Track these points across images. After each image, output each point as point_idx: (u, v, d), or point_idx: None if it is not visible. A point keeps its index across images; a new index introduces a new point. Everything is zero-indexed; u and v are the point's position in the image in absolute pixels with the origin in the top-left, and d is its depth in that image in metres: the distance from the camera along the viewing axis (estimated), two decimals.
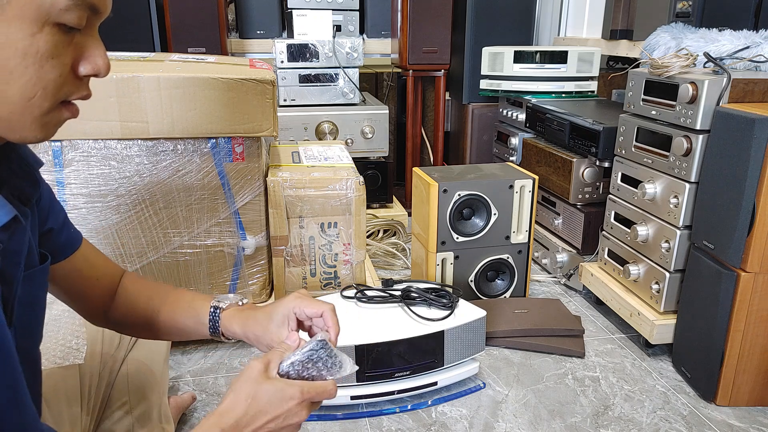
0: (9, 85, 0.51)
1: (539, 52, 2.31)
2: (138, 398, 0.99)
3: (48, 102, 0.53)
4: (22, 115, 0.53)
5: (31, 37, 0.50)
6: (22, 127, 0.54)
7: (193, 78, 1.37)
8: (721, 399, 1.40)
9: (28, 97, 0.52)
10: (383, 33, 2.81)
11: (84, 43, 0.55)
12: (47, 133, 0.56)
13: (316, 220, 1.55)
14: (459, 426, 1.34)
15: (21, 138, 0.55)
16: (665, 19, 1.80)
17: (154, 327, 0.84)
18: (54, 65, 0.52)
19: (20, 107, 0.52)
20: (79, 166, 1.40)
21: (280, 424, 0.68)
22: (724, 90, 1.35)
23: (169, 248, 1.50)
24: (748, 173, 1.24)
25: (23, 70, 0.50)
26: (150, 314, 0.84)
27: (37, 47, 0.50)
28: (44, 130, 0.55)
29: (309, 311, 0.77)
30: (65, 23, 0.51)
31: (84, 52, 0.55)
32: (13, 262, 0.58)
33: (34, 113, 0.53)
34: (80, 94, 0.57)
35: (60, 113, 0.56)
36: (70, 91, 0.55)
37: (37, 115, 0.53)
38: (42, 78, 0.52)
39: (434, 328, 1.38)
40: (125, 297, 0.84)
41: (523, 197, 1.79)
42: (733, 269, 1.32)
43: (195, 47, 2.37)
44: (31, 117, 0.53)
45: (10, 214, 0.54)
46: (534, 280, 2.07)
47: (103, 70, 0.56)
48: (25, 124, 0.53)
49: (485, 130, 2.61)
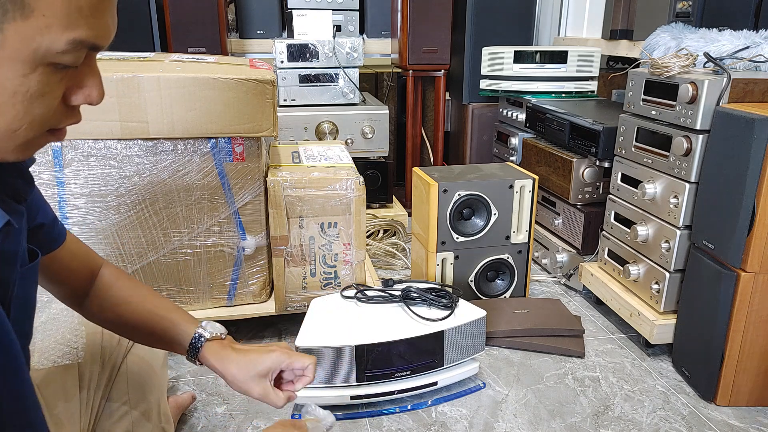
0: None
1: (539, 52, 2.31)
2: (137, 398, 0.99)
3: (33, 133, 0.52)
4: (4, 143, 0.51)
5: (22, 77, 0.48)
6: (2, 151, 0.52)
7: (193, 78, 1.37)
8: (721, 399, 1.40)
9: (13, 130, 0.50)
10: (383, 33, 2.81)
11: (79, 74, 0.53)
12: (27, 155, 0.54)
13: (316, 220, 1.55)
14: (459, 426, 1.34)
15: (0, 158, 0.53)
16: (665, 19, 1.80)
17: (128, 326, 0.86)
18: (43, 101, 0.50)
19: (3, 137, 0.50)
20: (79, 166, 1.40)
21: None
22: (724, 90, 1.35)
23: (169, 248, 1.50)
24: (748, 173, 1.24)
25: (11, 107, 0.49)
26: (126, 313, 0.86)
27: (27, 87, 0.49)
28: (25, 153, 0.54)
29: (298, 365, 0.84)
30: (60, 63, 0.49)
31: (78, 83, 0.53)
32: (8, 264, 0.57)
33: (17, 141, 0.52)
34: (69, 122, 0.55)
35: (45, 138, 0.54)
36: (59, 120, 0.54)
37: (20, 143, 0.52)
38: (29, 113, 0.50)
39: (434, 328, 1.38)
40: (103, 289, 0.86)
41: (523, 197, 1.79)
42: (733, 269, 1.32)
43: (195, 47, 2.37)
44: (14, 144, 0.52)
45: (2, 219, 0.52)
46: (534, 280, 2.07)
47: (95, 100, 0.55)
48: (6, 150, 0.52)
49: (485, 130, 2.61)
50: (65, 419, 0.89)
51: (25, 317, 0.65)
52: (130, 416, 0.97)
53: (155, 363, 1.05)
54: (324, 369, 1.31)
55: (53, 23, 0.47)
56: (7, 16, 0.46)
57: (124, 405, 0.97)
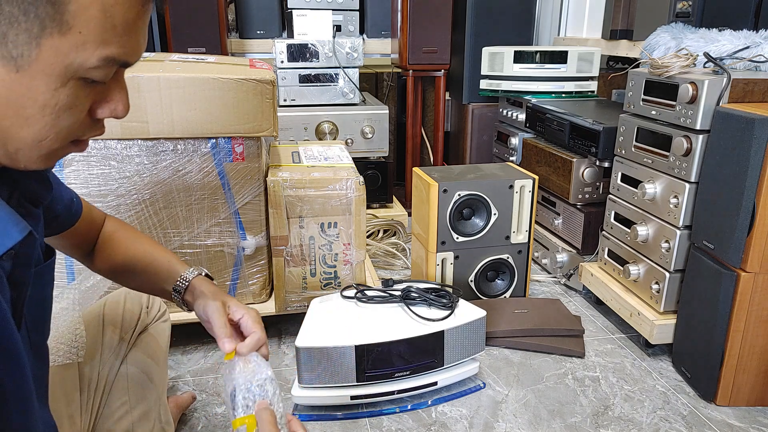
0: (23, 129, 0.50)
1: (539, 52, 2.31)
2: (137, 398, 0.99)
3: (58, 144, 0.53)
4: (29, 152, 0.53)
5: (53, 91, 0.49)
6: (27, 160, 0.54)
7: (193, 78, 1.37)
8: (721, 399, 1.40)
9: (40, 140, 0.52)
10: (383, 33, 2.81)
11: (107, 89, 0.54)
12: (50, 164, 0.56)
13: (316, 220, 1.55)
14: (459, 426, 1.34)
15: (24, 167, 0.55)
16: (665, 19, 1.80)
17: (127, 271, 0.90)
18: (71, 114, 0.52)
19: (29, 146, 0.52)
20: (79, 166, 1.40)
21: None
22: (724, 90, 1.35)
23: (169, 248, 1.49)
24: (748, 173, 1.24)
25: (39, 118, 0.50)
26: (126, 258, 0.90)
27: (57, 100, 0.50)
28: (48, 163, 0.55)
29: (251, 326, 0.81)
30: (90, 78, 0.51)
31: (105, 97, 0.55)
32: (24, 266, 0.58)
33: (42, 152, 0.53)
34: (92, 134, 0.57)
35: (68, 149, 0.56)
36: (83, 132, 0.55)
37: (44, 153, 0.54)
38: (56, 125, 0.51)
39: (434, 328, 1.38)
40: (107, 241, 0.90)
41: (523, 197, 1.79)
42: (733, 269, 1.32)
43: (195, 47, 2.37)
44: (39, 154, 0.53)
45: (24, 231, 0.53)
46: (534, 280, 2.07)
47: (121, 113, 0.56)
48: (30, 159, 0.54)
49: (485, 130, 2.61)
50: (65, 419, 0.89)
51: (42, 315, 0.66)
52: (130, 416, 0.97)
53: (155, 363, 1.05)
54: (324, 369, 1.31)
55: (88, 40, 0.48)
56: (45, 32, 0.47)
57: (123, 405, 0.97)
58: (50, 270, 0.67)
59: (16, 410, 0.52)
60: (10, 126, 0.50)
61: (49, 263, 0.66)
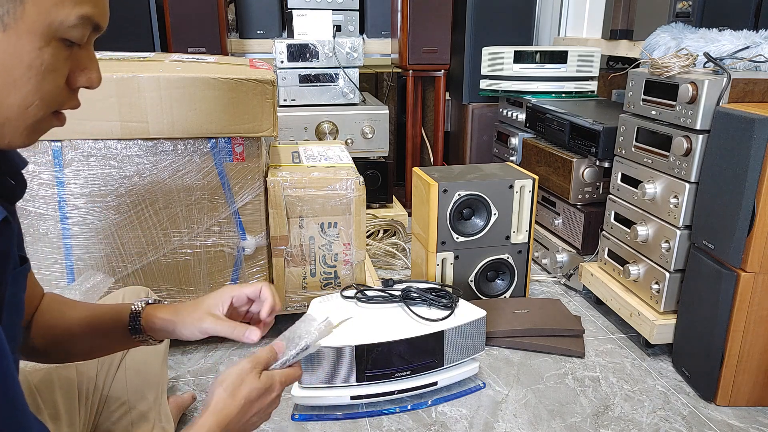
0: (10, 93, 0.53)
1: (539, 52, 2.31)
2: (137, 398, 0.99)
3: (42, 111, 0.56)
4: (16, 122, 0.55)
5: (38, 51, 0.53)
6: (13, 133, 0.56)
7: (193, 78, 1.37)
8: (721, 399, 1.40)
9: (26, 106, 0.54)
10: (383, 33, 2.81)
11: (80, 57, 0.58)
12: (33, 139, 0.58)
13: (316, 220, 1.55)
14: (459, 426, 1.34)
15: (8, 144, 0.57)
16: (665, 19, 1.80)
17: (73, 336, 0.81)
18: (53, 77, 0.55)
19: (16, 114, 0.55)
20: (79, 166, 1.40)
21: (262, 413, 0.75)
22: (724, 90, 1.35)
23: (169, 248, 1.50)
24: (748, 173, 1.24)
25: (26, 80, 0.53)
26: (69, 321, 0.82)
27: (41, 60, 0.53)
28: (32, 136, 0.58)
29: (248, 291, 0.83)
30: (69, 39, 0.54)
31: (80, 65, 0.58)
32: (2, 263, 0.57)
33: (27, 121, 0.56)
34: (70, 105, 0.60)
35: (50, 121, 0.59)
36: (63, 101, 0.58)
37: (30, 123, 0.56)
38: (40, 89, 0.54)
39: (434, 328, 1.38)
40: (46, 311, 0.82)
41: (523, 197, 1.79)
42: (733, 269, 1.32)
43: (195, 47, 2.37)
44: (24, 124, 0.56)
45: (1, 214, 0.54)
46: (534, 280, 2.07)
47: (95, 82, 0.60)
48: (17, 131, 0.56)
49: (485, 130, 2.61)
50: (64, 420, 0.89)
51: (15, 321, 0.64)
52: (130, 416, 0.97)
53: (154, 363, 1.05)
54: (324, 369, 1.31)
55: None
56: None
57: (123, 405, 0.97)
58: (23, 276, 0.66)
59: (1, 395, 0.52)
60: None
61: (24, 268, 0.65)
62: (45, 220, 1.42)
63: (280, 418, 1.35)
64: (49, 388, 0.89)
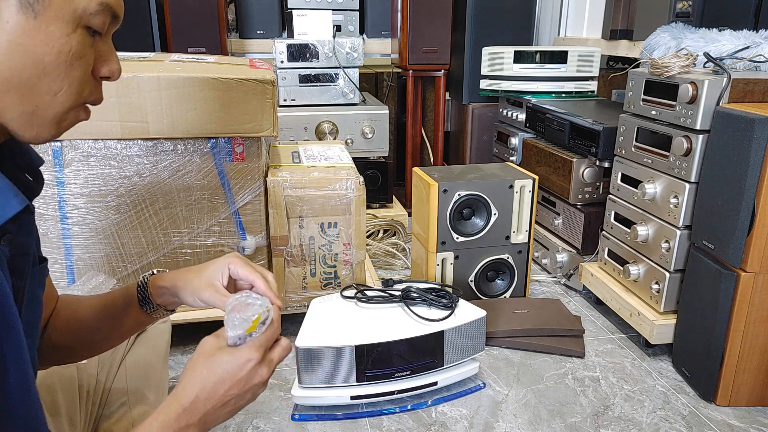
0: (41, 79, 0.55)
1: (539, 52, 2.31)
2: (137, 398, 0.99)
3: (70, 101, 0.58)
4: (45, 111, 0.57)
5: (66, 37, 0.55)
6: (41, 123, 0.57)
7: (193, 78, 1.37)
8: (721, 399, 1.40)
9: (55, 92, 0.56)
10: (383, 33, 2.81)
11: (101, 48, 0.61)
12: (59, 132, 0.60)
13: (316, 220, 1.55)
14: (459, 426, 1.34)
15: (35, 135, 0.58)
16: (665, 19, 1.80)
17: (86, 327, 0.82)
18: (80, 64, 0.57)
19: (46, 102, 0.56)
20: (79, 166, 1.40)
21: (242, 389, 0.67)
22: (724, 90, 1.35)
23: (169, 248, 1.50)
24: (748, 173, 1.24)
25: (55, 66, 0.55)
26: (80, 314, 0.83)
27: (70, 46, 0.56)
28: (58, 128, 0.59)
29: (242, 272, 0.77)
30: (92, 26, 0.57)
31: (101, 56, 0.61)
32: (23, 254, 0.59)
33: (56, 109, 0.57)
34: (95, 97, 0.62)
35: (77, 113, 0.61)
36: (90, 92, 0.60)
37: (58, 112, 0.58)
38: (69, 75, 0.57)
39: (434, 328, 1.38)
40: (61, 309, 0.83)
41: (523, 197, 1.79)
42: (733, 269, 1.32)
43: (195, 47, 2.37)
44: (53, 113, 0.57)
45: (23, 203, 0.56)
46: (534, 280, 2.07)
47: (116, 73, 0.63)
48: (45, 120, 0.57)
49: (485, 130, 2.61)
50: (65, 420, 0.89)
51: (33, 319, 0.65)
52: (130, 415, 0.97)
53: (155, 363, 1.05)
54: (324, 369, 1.31)
55: None
56: None
57: (124, 404, 0.97)
58: (43, 273, 0.68)
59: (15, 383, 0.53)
60: (29, 77, 0.54)
61: (43, 266, 0.67)
62: (45, 220, 1.42)
63: (279, 418, 1.35)
64: (50, 387, 0.89)
